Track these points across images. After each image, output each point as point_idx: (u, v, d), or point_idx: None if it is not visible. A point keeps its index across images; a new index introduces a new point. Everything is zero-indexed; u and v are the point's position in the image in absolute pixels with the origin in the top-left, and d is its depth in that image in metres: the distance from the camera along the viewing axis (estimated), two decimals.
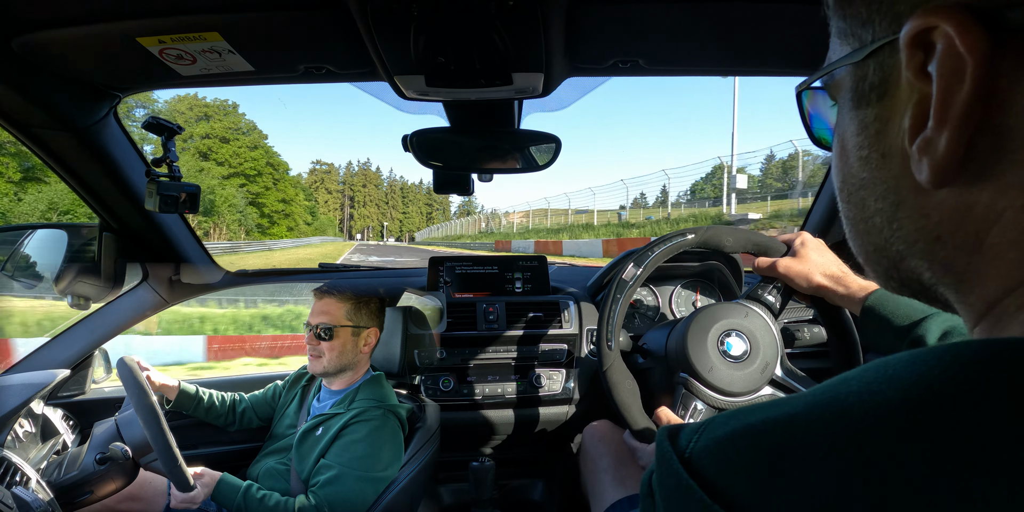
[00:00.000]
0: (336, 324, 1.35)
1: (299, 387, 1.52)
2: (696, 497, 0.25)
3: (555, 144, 1.13)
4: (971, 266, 0.28)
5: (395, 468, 1.31)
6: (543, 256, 1.72)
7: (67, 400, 1.53)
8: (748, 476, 0.25)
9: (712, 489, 0.25)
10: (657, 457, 0.30)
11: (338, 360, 1.36)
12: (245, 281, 1.70)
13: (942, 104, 0.25)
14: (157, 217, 1.33)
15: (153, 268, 1.48)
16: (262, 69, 0.95)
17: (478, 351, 1.51)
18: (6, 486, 1.01)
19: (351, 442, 1.27)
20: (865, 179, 0.32)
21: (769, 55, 0.98)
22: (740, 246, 1.07)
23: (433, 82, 0.91)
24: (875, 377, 0.24)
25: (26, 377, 1.28)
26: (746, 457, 0.25)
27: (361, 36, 0.80)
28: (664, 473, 0.28)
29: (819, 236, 1.52)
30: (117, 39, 0.82)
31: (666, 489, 0.28)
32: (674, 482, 0.27)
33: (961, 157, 0.26)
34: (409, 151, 1.10)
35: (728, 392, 0.98)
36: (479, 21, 0.77)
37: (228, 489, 1.21)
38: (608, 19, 0.83)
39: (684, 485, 0.26)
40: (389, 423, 1.32)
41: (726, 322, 1.03)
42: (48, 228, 1.41)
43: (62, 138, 1.06)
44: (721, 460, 0.26)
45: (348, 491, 1.22)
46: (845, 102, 0.33)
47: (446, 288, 1.63)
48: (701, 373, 0.98)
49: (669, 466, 0.28)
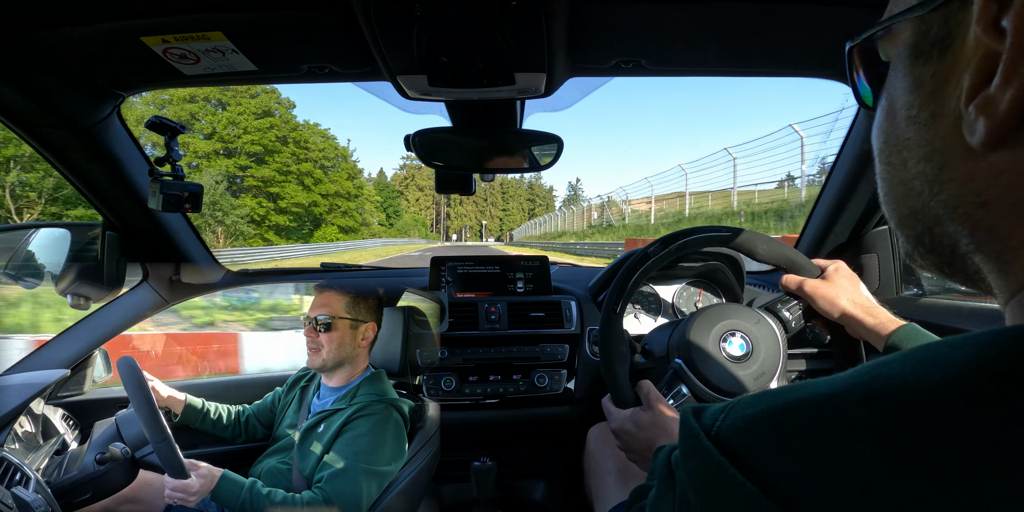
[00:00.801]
0: (335, 316, 1.37)
1: (298, 388, 1.52)
2: (728, 474, 0.25)
3: (557, 144, 1.13)
4: (1016, 232, 0.27)
5: (399, 462, 1.31)
6: (544, 256, 1.72)
7: (67, 400, 1.53)
8: (784, 453, 0.25)
9: (745, 466, 0.25)
10: (683, 435, 0.30)
11: (337, 353, 1.37)
12: (246, 280, 1.71)
13: (1013, 60, 0.24)
14: (160, 216, 1.34)
15: (153, 268, 1.48)
16: (265, 68, 0.96)
17: (480, 351, 1.51)
18: (6, 486, 1.01)
19: (355, 437, 1.27)
20: (910, 140, 0.31)
21: (771, 55, 0.98)
22: (773, 258, 1.04)
23: (436, 82, 0.92)
24: (921, 360, 0.24)
25: (26, 377, 1.28)
26: (782, 435, 0.25)
27: (364, 36, 0.80)
28: (691, 450, 0.28)
29: (819, 236, 1.53)
30: (121, 38, 0.83)
31: (693, 466, 0.28)
32: (702, 459, 0.27)
33: (1021, 118, 0.25)
34: (411, 150, 1.10)
35: (715, 387, 0.97)
36: (482, 21, 0.77)
37: (231, 486, 1.20)
38: (611, 19, 0.84)
39: (714, 462, 0.26)
40: (392, 417, 1.33)
41: (734, 322, 1.03)
42: (51, 227, 1.41)
43: (66, 137, 1.06)
44: (755, 438, 0.26)
45: (354, 485, 1.22)
46: (901, 59, 0.31)
47: (448, 288, 1.63)
48: (695, 361, 0.98)
49: (696, 443, 0.28)
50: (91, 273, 1.36)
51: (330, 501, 1.19)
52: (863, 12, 0.82)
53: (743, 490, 0.25)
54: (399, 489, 1.30)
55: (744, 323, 1.03)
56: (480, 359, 1.51)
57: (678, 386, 0.99)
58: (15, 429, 1.24)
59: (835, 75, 1.06)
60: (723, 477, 0.26)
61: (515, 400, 1.51)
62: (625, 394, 0.94)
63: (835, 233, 1.50)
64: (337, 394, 1.40)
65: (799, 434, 0.25)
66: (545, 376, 1.50)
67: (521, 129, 1.18)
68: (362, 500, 1.22)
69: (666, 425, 0.84)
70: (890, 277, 1.44)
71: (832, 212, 1.45)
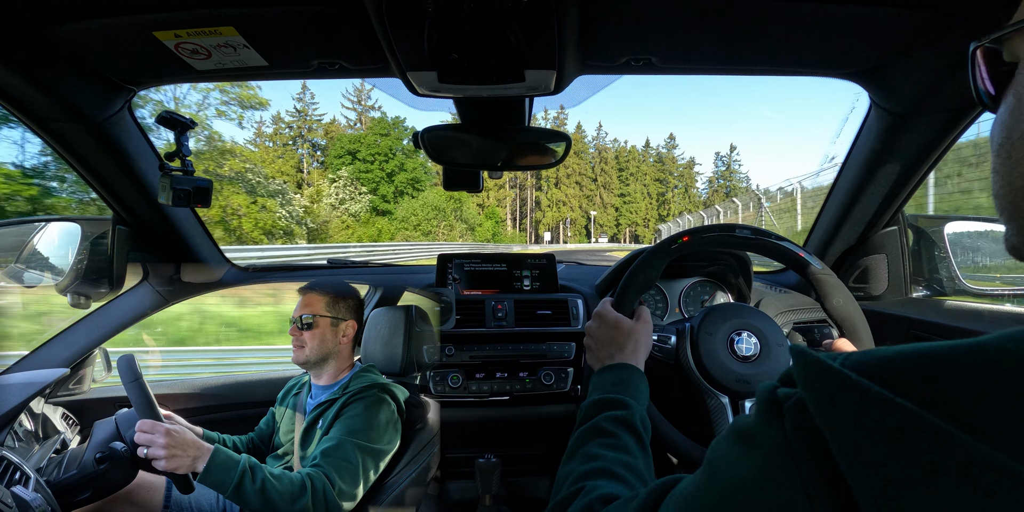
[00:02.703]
0: (316, 314, 1.43)
1: (291, 396, 1.54)
2: (872, 392, 0.27)
3: (565, 142, 1.13)
4: None
5: (394, 444, 1.33)
6: (551, 254, 1.72)
7: (67, 399, 1.54)
8: (939, 386, 0.26)
9: (892, 387, 0.26)
10: (801, 363, 0.31)
11: (319, 348, 1.42)
12: (253, 277, 1.71)
13: None
14: (169, 211, 1.34)
15: (154, 267, 1.49)
16: (276, 64, 0.96)
17: (486, 348, 1.52)
18: (5, 485, 1.01)
19: (350, 417, 1.30)
20: None
21: (785, 54, 0.98)
22: (838, 315, 1.00)
23: (446, 78, 0.92)
24: None
25: (26, 376, 1.29)
26: (932, 371, 0.27)
27: (375, 32, 0.80)
28: (818, 374, 0.30)
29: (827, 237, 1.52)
30: (134, 33, 0.83)
31: (824, 389, 0.29)
32: (837, 381, 0.28)
33: None
34: (419, 148, 1.10)
35: (717, 383, 0.98)
36: (494, 17, 0.77)
37: (226, 460, 1.12)
38: (622, 16, 0.83)
39: (852, 383, 0.28)
40: (385, 400, 1.36)
41: (745, 322, 1.02)
42: (62, 221, 1.42)
43: (78, 131, 1.07)
44: (897, 371, 0.27)
45: (350, 459, 1.24)
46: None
47: (455, 285, 1.63)
48: (702, 357, 1.00)
49: (825, 366, 0.29)
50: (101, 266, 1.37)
51: (329, 475, 1.20)
52: (878, 11, 0.82)
53: (887, 403, 0.26)
54: (400, 489, 1.30)
55: (755, 323, 1.02)
56: (487, 356, 1.51)
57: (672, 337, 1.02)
58: (15, 428, 1.24)
59: (849, 74, 1.05)
60: (865, 395, 0.27)
61: (521, 397, 1.51)
62: (628, 305, 0.97)
63: (844, 234, 1.49)
64: (330, 390, 1.42)
65: (957, 374, 0.26)
66: (552, 374, 1.50)
67: (529, 127, 1.18)
68: (359, 475, 1.23)
69: (636, 340, 0.88)
70: (899, 278, 1.43)
71: (841, 213, 1.45)
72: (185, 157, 1.11)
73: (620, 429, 0.69)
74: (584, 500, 0.55)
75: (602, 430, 0.69)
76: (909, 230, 1.43)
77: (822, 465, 0.29)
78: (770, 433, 0.32)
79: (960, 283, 1.36)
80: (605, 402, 0.74)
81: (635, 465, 0.64)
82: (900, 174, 1.27)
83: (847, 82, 1.08)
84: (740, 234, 1.01)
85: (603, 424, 0.70)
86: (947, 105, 1.07)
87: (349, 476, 1.21)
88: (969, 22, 0.83)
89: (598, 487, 0.57)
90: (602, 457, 0.64)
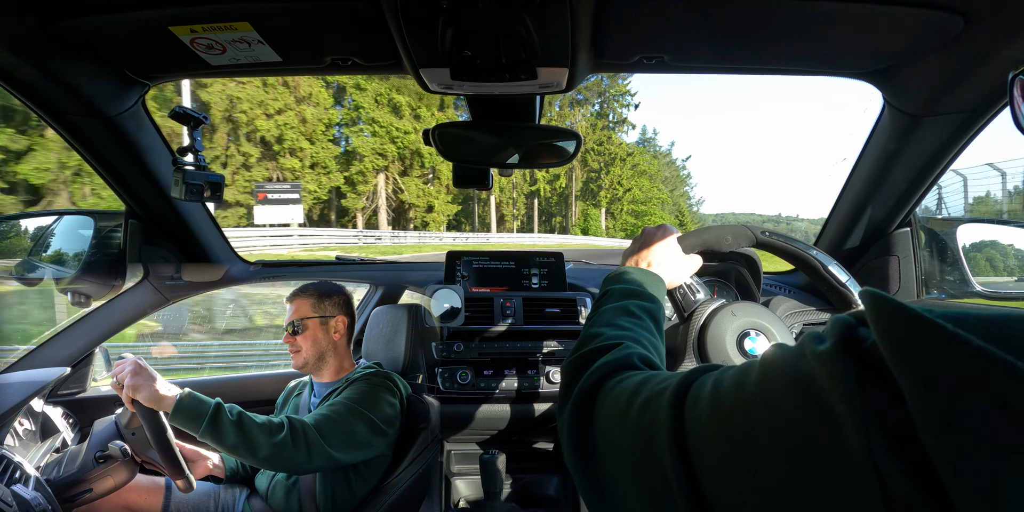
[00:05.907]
0: (304, 317, 1.45)
1: (292, 398, 1.56)
2: (974, 346, 0.24)
3: (575, 140, 1.13)
4: None
5: (394, 426, 1.36)
6: (560, 252, 1.72)
7: (67, 398, 1.55)
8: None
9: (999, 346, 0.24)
10: (880, 309, 0.28)
11: (314, 349, 1.44)
12: (264, 273, 1.72)
13: None
14: (181, 206, 1.35)
15: (154, 266, 1.49)
16: (289, 60, 0.96)
17: (495, 345, 1.52)
18: (6, 484, 1.01)
19: (351, 390, 1.35)
20: None
21: (799, 54, 0.97)
22: None
23: (458, 75, 0.92)
24: None
25: (26, 375, 1.29)
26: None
27: (388, 28, 0.81)
28: (902, 321, 0.27)
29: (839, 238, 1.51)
30: (151, 27, 0.84)
31: (908, 337, 0.27)
32: (930, 331, 0.26)
33: None
34: (430, 145, 1.10)
35: (708, 361, 0.96)
36: (508, 15, 0.77)
37: (198, 396, 1.13)
38: (636, 14, 0.83)
39: (950, 335, 0.25)
40: (387, 384, 1.39)
41: (756, 322, 1.01)
42: (75, 214, 1.44)
43: (93, 125, 1.08)
44: (1000, 328, 0.25)
45: (340, 418, 1.25)
46: None
47: (463, 282, 1.64)
48: (709, 354, 0.98)
49: (913, 314, 0.27)
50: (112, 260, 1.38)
51: (319, 428, 1.21)
52: (893, 10, 0.81)
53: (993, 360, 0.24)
54: (403, 489, 1.31)
55: (765, 323, 1.01)
56: (496, 353, 1.52)
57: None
58: (15, 427, 1.25)
59: (863, 74, 1.04)
60: (954, 344, 0.25)
61: (529, 395, 1.51)
62: (690, 244, 0.96)
63: (855, 234, 1.48)
64: (333, 385, 1.44)
65: None
66: (560, 371, 1.50)
67: (540, 125, 1.18)
68: (346, 435, 1.24)
69: (674, 268, 0.91)
70: (911, 279, 1.42)
71: (853, 213, 1.43)
72: (198, 152, 1.12)
73: (646, 317, 0.71)
74: (624, 352, 0.57)
75: (630, 312, 0.71)
76: (921, 232, 1.42)
77: (895, 416, 0.26)
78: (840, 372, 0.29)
79: (972, 286, 1.35)
80: (634, 292, 0.77)
81: (660, 349, 0.66)
82: (914, 175, 1.26)
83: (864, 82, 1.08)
84: (812, 260, 0.95)
85: (632, 308, 0.72)
86: (962, 106, 1.06)
87: (338, 430, 1.23)
88: (984, 22, 0.82)
89: (635, 348, 0.59)
90: (632, 330, 0.66)
